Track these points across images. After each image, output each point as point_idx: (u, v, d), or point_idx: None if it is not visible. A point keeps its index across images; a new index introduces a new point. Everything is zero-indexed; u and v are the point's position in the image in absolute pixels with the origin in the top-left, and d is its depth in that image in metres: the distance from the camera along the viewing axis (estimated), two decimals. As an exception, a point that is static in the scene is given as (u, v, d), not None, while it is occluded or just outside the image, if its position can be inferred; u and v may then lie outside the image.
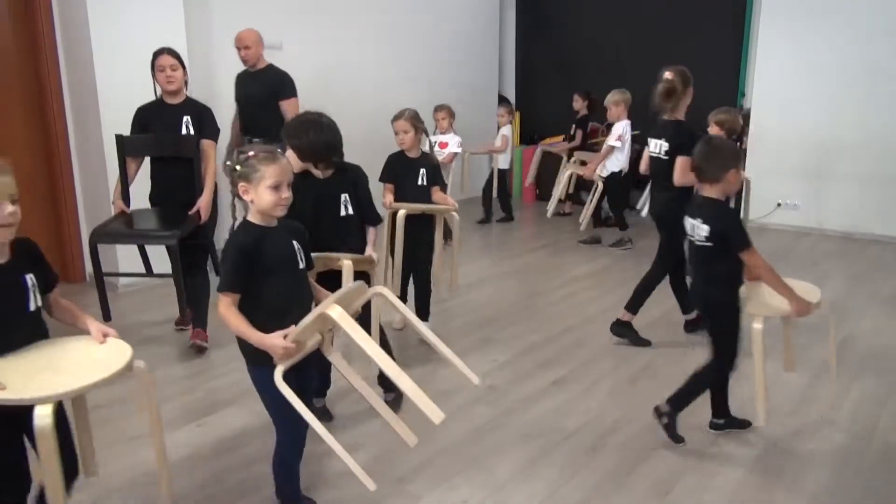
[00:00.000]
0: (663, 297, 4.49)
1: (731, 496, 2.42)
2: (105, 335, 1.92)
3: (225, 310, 2.01)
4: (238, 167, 2.02)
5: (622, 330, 3.75)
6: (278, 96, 4.56)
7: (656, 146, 3.67)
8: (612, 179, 5.65)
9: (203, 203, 3.50)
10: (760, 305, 2.61)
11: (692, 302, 2.83)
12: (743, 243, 2.50)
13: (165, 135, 3.54)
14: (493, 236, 6.34)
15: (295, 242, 2.12)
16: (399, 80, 6.72)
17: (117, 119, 3.91)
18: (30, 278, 1.82)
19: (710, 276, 2.65)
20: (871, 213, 6.07)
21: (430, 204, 3.52)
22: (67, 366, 1.77)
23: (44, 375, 1.71)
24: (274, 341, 1.95)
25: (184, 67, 3.56)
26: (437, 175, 3.65)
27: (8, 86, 4.42)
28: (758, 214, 6.05)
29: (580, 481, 2.49)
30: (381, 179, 3.52)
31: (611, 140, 5.65)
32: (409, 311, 2.22)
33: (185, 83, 3.60)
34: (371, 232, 2.89)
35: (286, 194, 2.03)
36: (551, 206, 6.18)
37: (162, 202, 3.62)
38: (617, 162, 5.67)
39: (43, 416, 1.61)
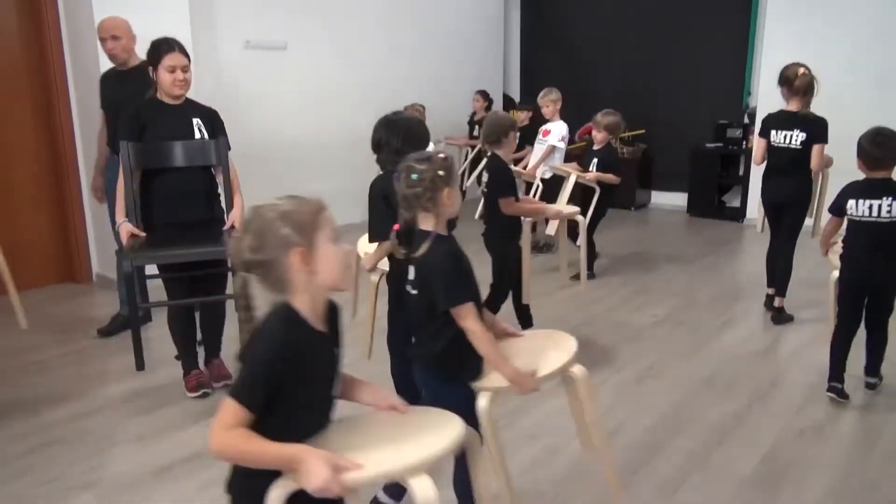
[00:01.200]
0: (666, 297, 4.50)
1: (737, 496, 2.41)
2: (392, 406, 1.55)
3: (477, 324, 1.78)
4: (442, 171, 1.81)
5: (782, 316, 4.05)
6: None
7: (786, 137, 3.89)
8: (551, 180, 5.40)
9: (238, 217, 3.10)
10: None
11: (863, 279, 2.95)
12: None
13: (195, 141, 3.09)
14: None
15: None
16: (403, 80, 6.73)
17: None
18: (338, 352, 1.44)
19: (893, 252, 2.88)
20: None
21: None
22: (404, 433, 1.47)
23: (386, 448, 1.42)
24: (529, 380, 1.80)
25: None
26: None
27: (15, 86, 4.44)
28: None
29: (586, 481, 2.49)
30: (507, 194, 3.24)
31: (552, 140, 5.45)
32: None
33: None
34: None
35: None
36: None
37: (164, 222, 3.09)
38: (557, 161, 5.48)
39: (424, 488, 1.37)
